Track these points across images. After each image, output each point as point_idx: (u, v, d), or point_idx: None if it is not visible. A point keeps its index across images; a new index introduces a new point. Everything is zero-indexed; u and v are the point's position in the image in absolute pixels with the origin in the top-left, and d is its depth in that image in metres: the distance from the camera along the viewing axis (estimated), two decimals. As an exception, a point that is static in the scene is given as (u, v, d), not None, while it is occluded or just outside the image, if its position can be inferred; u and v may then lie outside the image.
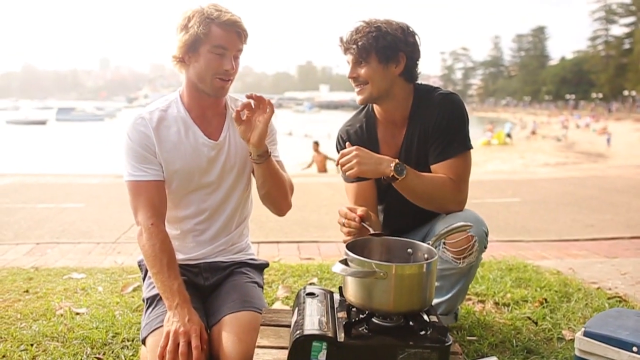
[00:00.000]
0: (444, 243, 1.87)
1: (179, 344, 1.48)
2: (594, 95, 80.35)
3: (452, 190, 1.87)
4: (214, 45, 1.67)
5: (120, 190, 6.35)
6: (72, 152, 17.61)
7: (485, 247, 1.91)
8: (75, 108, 60.69)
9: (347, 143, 1.87)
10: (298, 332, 1.28)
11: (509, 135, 30.73)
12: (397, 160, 1.77)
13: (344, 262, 1.36)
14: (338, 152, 2.08)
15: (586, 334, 1.61)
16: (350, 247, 1.41)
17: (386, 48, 1.84)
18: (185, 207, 1.85)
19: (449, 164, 1.88)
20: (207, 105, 1.81)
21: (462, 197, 1.90)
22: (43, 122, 46.12)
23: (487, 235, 1.90)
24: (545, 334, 2.18)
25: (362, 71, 1.87)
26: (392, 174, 1.75)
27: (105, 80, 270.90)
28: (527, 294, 2.63)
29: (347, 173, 1.79)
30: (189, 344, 1.49)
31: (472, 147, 1.93)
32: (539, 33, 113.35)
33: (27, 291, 2.64)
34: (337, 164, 1.84)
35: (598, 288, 2.79)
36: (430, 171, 1.92)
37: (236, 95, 1.93)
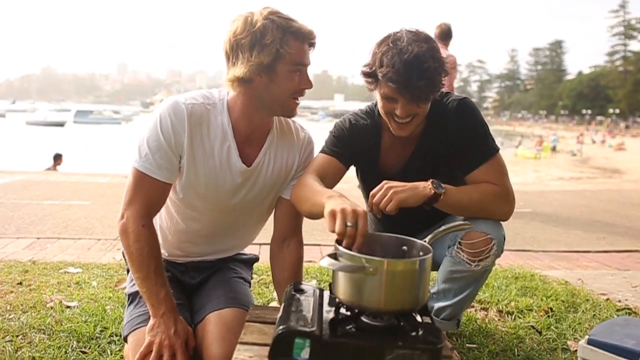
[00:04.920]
0: (460, 243, 1.77)
1: (162, 356, 1.42)
2: (610, 110, 79.64)
3: (499, 192, 1.76)
4: (295, 63, 1.45)
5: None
6: (87, 153, 17.77)
7: (502, 252, 1.82)
8: (93, 111, 61.46)
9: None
10: (280, 327, 1.21)
11: (554, 149, 29.98)
12: (430, 180, 1.64)
13: (333, 256, 1.29)
14: (334, 136, 1.85)
15: (590, 342, 1.52)
16: (340, 241, 1.34)
17: (440, 82, 1.66)
18: (185, 222, 1.67)
19: (485, 169, 1.77)
20: (257, 125, 1.57)
21: (511, 195, 1.79)
22: (61, 124, 46.54)
23: (504, 240, 1.82)
24: (549, 344, 2.09)
25: (419, 109, 1.67)
26: (432, 191, 1.62)
27: (123, 85, 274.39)
28: (532, 303, 2.53)
29: (387, 209, 1.60)
30: (173, 356, 1.43)
31: (499, 148, 1.83)
32: (556, 47, 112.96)
33: (20, 283, 2.60)
34: (370, 208, 1.63)
35: (607, 299, 2.68)
36: (448, 176, 1.78)
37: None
